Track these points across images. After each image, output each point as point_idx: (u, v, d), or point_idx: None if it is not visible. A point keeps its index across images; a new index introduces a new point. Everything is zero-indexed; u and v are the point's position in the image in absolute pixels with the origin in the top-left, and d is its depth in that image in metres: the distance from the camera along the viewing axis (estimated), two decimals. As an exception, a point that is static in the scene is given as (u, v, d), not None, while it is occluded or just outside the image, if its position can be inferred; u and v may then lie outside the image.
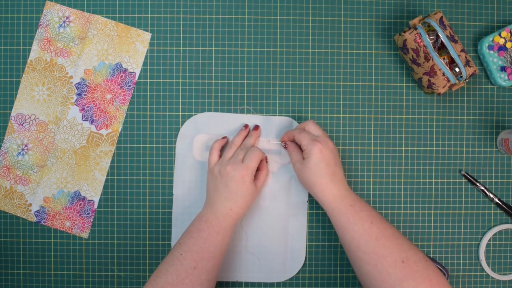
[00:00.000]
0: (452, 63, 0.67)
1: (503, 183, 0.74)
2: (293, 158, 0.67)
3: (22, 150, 0.73)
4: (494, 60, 0.72)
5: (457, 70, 0.66)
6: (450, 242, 0.74)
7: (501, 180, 0.74)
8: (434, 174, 0.74)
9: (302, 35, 0.74)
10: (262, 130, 0.73)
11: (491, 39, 0.72)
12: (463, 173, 0.74)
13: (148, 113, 0.74)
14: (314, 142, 0.63)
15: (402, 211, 0.74)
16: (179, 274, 0.60)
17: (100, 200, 0.73)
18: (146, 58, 0.73)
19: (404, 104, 0.74)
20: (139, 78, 0.74)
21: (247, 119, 0.73)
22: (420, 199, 0.74)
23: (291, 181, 0.73)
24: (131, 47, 0.73)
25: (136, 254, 0.73)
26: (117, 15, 0.73)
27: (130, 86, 0.73)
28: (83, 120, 0.73)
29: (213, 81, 0.74)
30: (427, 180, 0.74)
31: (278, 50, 0.74)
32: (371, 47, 0.74)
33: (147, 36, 0.73)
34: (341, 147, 0.74)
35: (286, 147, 0.70)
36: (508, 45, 0.71)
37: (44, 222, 0.73)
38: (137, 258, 0.73)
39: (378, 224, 0.61)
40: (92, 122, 0.73)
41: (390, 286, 0.57)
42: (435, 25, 0.65)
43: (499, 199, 0.73)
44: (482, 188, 0.73)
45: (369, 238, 0.60)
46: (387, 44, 0.74)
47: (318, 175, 0.63)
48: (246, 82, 0.74)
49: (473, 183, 0.73)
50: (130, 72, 0.73)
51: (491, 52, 0.72)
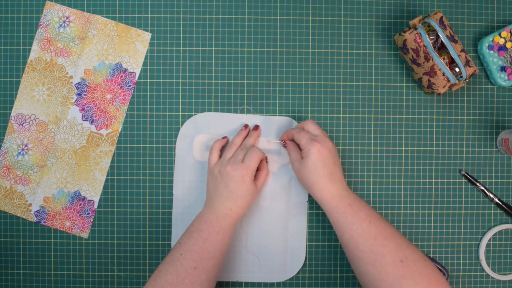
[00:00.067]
0: (452, 63, 0.67)
1: (503, 183, 0.74)
2: (292, 157, 0.67)
3: (22, 150, 0.73)
4: (494, 60, 0.72)
5: (457, 70, 0.66)
6: (450, 242, 0.74)
7: (501, 180, 0.74)
8: (434, 174, 0.74)
9: (302, 35, 0.74)
10: (262, 130, 0.73)
11: (491, 39, 0.72)
12: (463, 173, 0.74)
13: (148, 113, 0.74)
14: (313, 141, 0.63)
15: (402, 211, 0.74)
16: (179, 274, 0.60)
17: (100, 200, 0.73)
18: (146, 58, 0.73)
19: (404, 104, 0.74)
20: (139, 78, 0.74)
21: (247, 119, 0.73)
22: (420, 199, 0.74)
23: (291, 181, 0.73)
24: (131, 47, 0.73)
25: (136, 254, 0.73)
26: (117, 15, 0.73)
27: (130, 86, 0.73)
28: (83, 120, 0.73)
29: (213, 81, 0.74)
30: (427, 180, 0.74)
31: (278, 50, 0.74)
32: (371, 47, 0.74)
33: (147, 36, 0.73)
34: (341, 147, 0.74)
35: (285, 146, 0.70)
36: (508, 45, 0.71)
37: (44, 222, 0.73)
38: (137, 258, 0.73)
39: (377, 223, 0.61)
40: (92, 122, 0.73)
41: (389, 285, 0.57)
42: (435, 25, 0.65)
43: (499, 199, 0.73)
44: (482, 188, 0.73)
45: (367, 237, 0.60)
46: (387, 44, 0.74)
47: (316, 175, 0.63)
48: (246, 82, 0.74)
49: (473, 183, 0.73)
50: (130, 72, 0.73)
51: (491, 52, 0.72)
